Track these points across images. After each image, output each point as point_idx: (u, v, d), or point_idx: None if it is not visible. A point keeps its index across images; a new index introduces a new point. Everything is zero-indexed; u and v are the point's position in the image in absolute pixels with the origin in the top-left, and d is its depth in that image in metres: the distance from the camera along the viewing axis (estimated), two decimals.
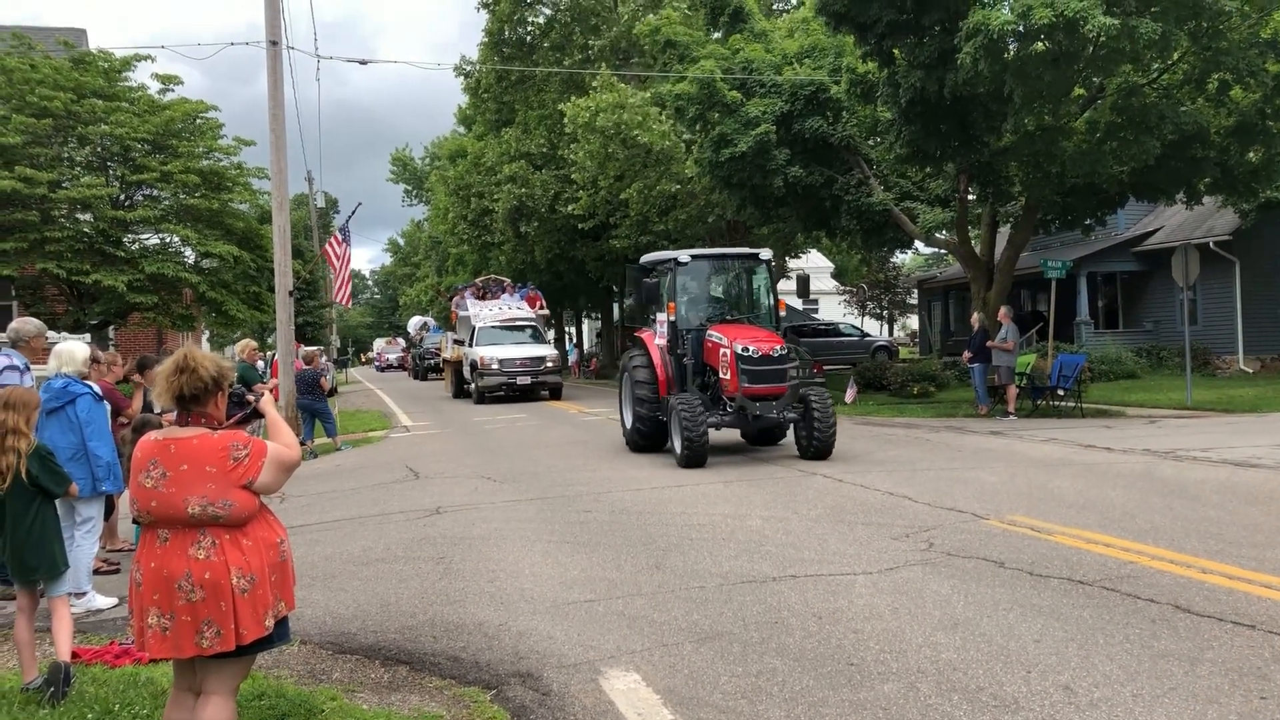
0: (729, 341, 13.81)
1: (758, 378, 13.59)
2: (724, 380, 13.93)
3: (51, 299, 25.67)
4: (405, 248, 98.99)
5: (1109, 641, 5.75)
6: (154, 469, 4.05)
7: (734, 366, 13.61)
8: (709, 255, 16.24)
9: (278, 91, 19.66)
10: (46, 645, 6.59)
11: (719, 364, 14.02)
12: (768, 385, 13.64)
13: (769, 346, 13.74)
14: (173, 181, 25.45)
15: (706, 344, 14.51)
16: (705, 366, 14.62)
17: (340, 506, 12.07)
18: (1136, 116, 19.09)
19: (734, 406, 13.89)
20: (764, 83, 25.35)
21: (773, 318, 15.51)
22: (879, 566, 7.68)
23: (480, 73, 42.31)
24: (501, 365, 29.42)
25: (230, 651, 4.01)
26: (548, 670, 5.72)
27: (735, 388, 13.66)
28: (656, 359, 15.14)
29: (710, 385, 14.52)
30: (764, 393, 13.64)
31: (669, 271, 15.29)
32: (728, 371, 13.78)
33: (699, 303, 15.68)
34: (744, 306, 15.81)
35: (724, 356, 13.85)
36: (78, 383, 8.05)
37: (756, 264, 15.71)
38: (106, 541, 9.39)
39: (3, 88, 24.80)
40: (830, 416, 13.80)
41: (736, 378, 13.59)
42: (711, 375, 14.46)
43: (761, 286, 15.95)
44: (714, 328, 14.54)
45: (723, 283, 16.27)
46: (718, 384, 14.23)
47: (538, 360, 29.90)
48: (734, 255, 16.07)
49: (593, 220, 36.22)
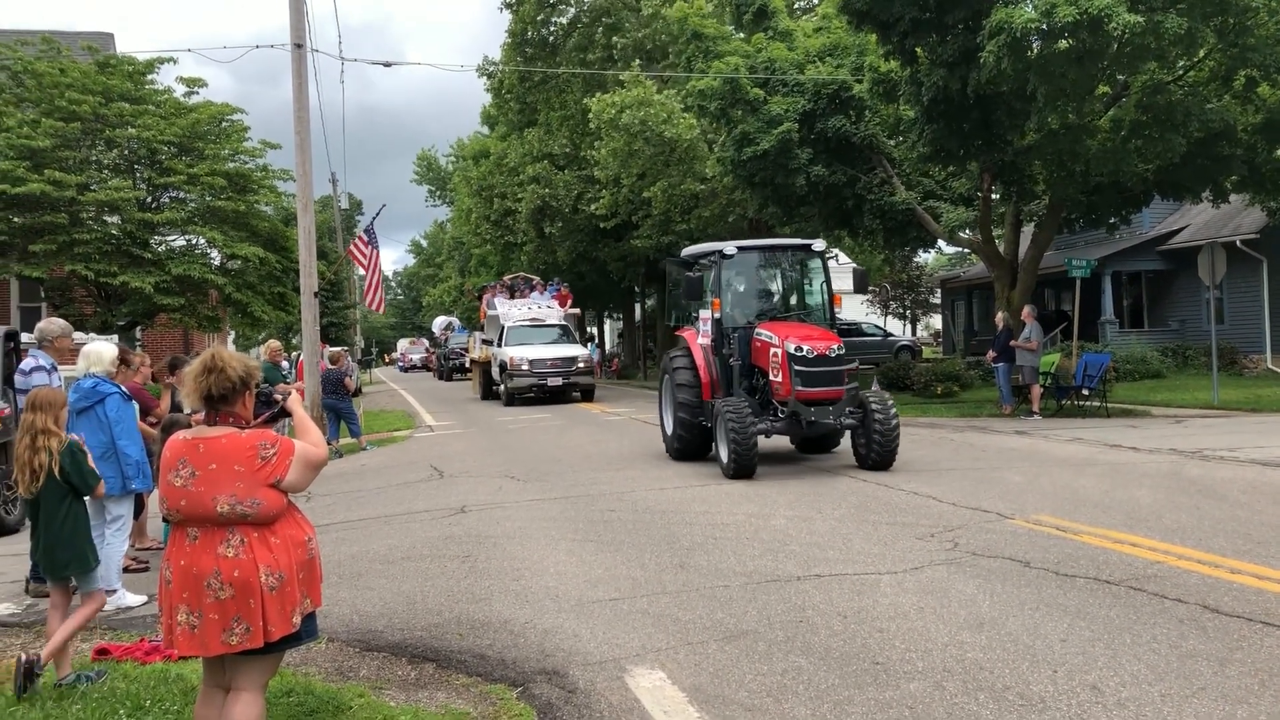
0: (780, 340, 12.75)
1: (812, 380, 12.54)
2: (774, 383, 12.91)
3: (80, 300, 25.91)
4: (428, 249, 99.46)
5: (1136, 641, 5.72)
6: (183, 468, 4.09)
7: (786, 368, 12.59)
8: (757, 246, 14.88)
9: (302, 94, 19.79)
10: (79, 642, 6.67)
11: (769, 365, 12.97)
12: (823, 388, 12.58)
13: (824, 346, 12.63)
14: (199, 184, 25.64)
15: (755, 343, 13.43)
16: (753, 368, 13.58)
17: (366, 505, 12.14)
18: (1162, 114, 18.94)
19: (786, 412, 12.86)
20: (786, 81, 25.32)
21: (827, 314, 14.32)
22: (904, 566, 7.67)
23: (503, 74, 42.43)
24: (532, 366, 28.51)
25: (259, 649, 4.05)
26: (573, 668, 5.74)
27: (787, 391, 12.64)
28: (700, 359, 14.15)
29: (759, 388, 13.50)
30: (819, 396, 12.59)
31: (714, 265, 14.21)
32: (779, 373, 12.75)
33: (746, 298, 14.59)
34: (795, 302, 14.79)
35: (774, 357, 12.81)
36: (106, 382, 8.14)
37: (809, 256, 14.55)
38: (136, 540, 9.49)
39: (32, 92, 25.07)
40: (893, 423, 12.65)
41: (789, 380, 12.58)
42: (760, 378, 13.45)
43: (815, 280, 14.77)
44: (763, 325, 13.46)
45: (772, 276, 15.03)
46: (767, 387, 13.20)
47: (569, 361, 28.98)
48: (784, 246, 14.91)
49: (615, 219, 36.24)
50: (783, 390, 12.75)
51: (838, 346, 12.77)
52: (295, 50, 19.85)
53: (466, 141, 68.38)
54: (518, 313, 31.66)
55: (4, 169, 22.98)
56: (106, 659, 6.24)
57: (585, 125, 35.26)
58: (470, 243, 56.27)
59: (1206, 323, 25.53)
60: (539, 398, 28.85)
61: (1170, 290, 31.56)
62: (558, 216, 39.76)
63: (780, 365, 12.71)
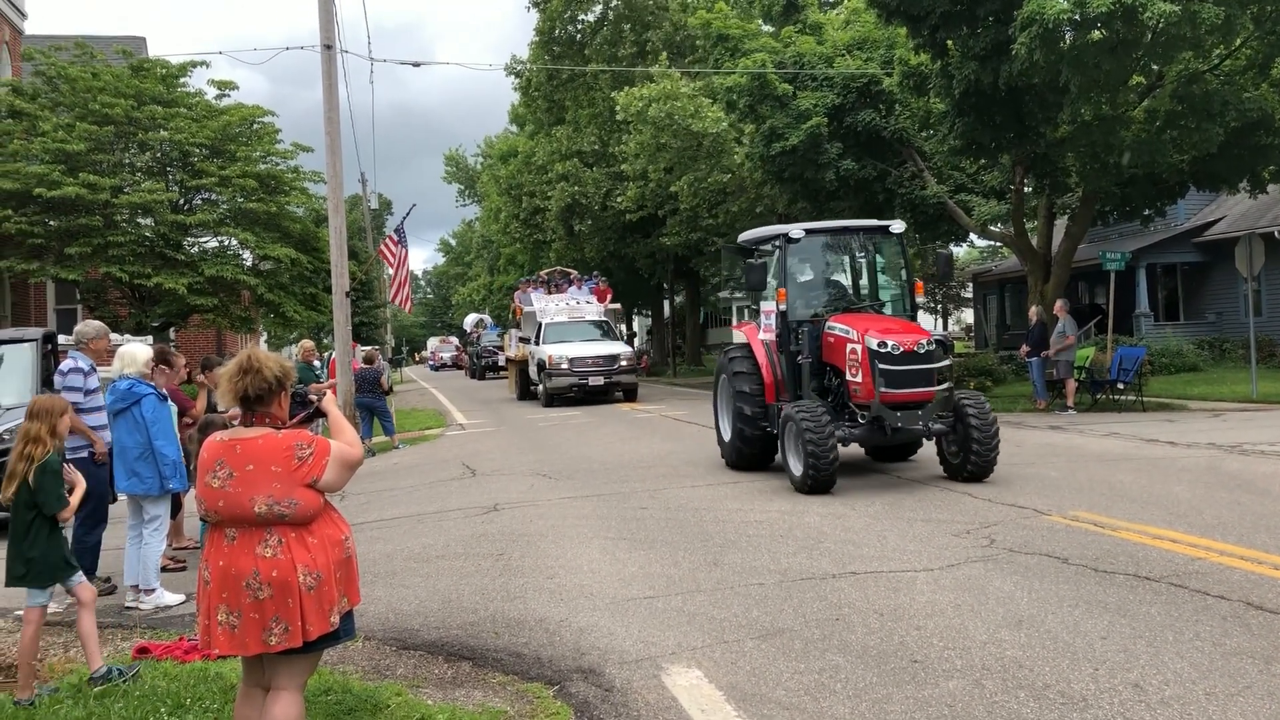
0: (859, 335, 11.21)
1: (899, 380, 10.98)
2: (852, 383, 11.35)
3: (115, 302, 26.19)
4: (458, 247, 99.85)
5: (1179, 639, 5.65)
6: (220, 469, 4.11)
7: (867, 366, 11.02)
8: (827, 229, 13.23)
9: (332, 95, 19.89)
10: (119, 640, 6.75)
11: (845, 363, 11.41)
12: (912, 389, 11.02)
13: (913, 340, 11.04)
14: (231, 185, 25.85)
15: (827, 339, 11.87)
16: (825, 366, 12.02)
17: (399, 504, 12.19)
18: (1198, 104, 18.70)
19: (865, 416, 11.38)
20: (815, 76, 25.21)
21: (907, 305, 12.82)
22: (940, 563, 7.61)
23: (531, 72, 42.52)
24: (572, 365, 27.06)
25: (298, 648, 4.07)
26: (609, 666, 5.73)
27: (869, 393, 11.08)
28: (761, 358, 12.70)
29: (832, 390, 11.97)
30: (907, 399, 11.04)
31: (777, 250, 12.64)
32: (858, 372, 11.18)
33: (814, 288, 13.09)
34: (870, 291, 13.22)
35: (852, 354, 11.24)
36: (142, 383, 8.21)
37: (885, 239, 12.92)
38: (173, 539, 9.58)
39: (67, 96, 25.35)
40: (992, 429, 11.15)
41: (870, 380, 11.00)
42: (834, 377, 11.93)
43: (892, 266, 13.34)
44: (836, 318, 11.95)
45: (843, 262, 13.38)
46: (843, 388, 11.69)
47: (611, 359, 27.51)
48: (857, 228, 13.12)
49: (642, 212, 36.18)
50: (863, 392, 11.23)
51: (927, 341, 11.17)
52: (325, 51, 19.95)
53: (495, 140, 68.57)
54: (555, 308, 30.56)
55: (40, 173, 23.26)
56: (146, 657, 6.29)
57: (613, 121, 35.23)
58: (500, 241, 56.45)
59: (1244, 315, 25.21)
60: (579, 398, 27.50)
61: (1206, 282, 31.17)
62: (587, 214, 39.80)
63: (860, 364, 11.15)
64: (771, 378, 12.58)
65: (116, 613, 7.76)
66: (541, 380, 27.91)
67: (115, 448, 8.11)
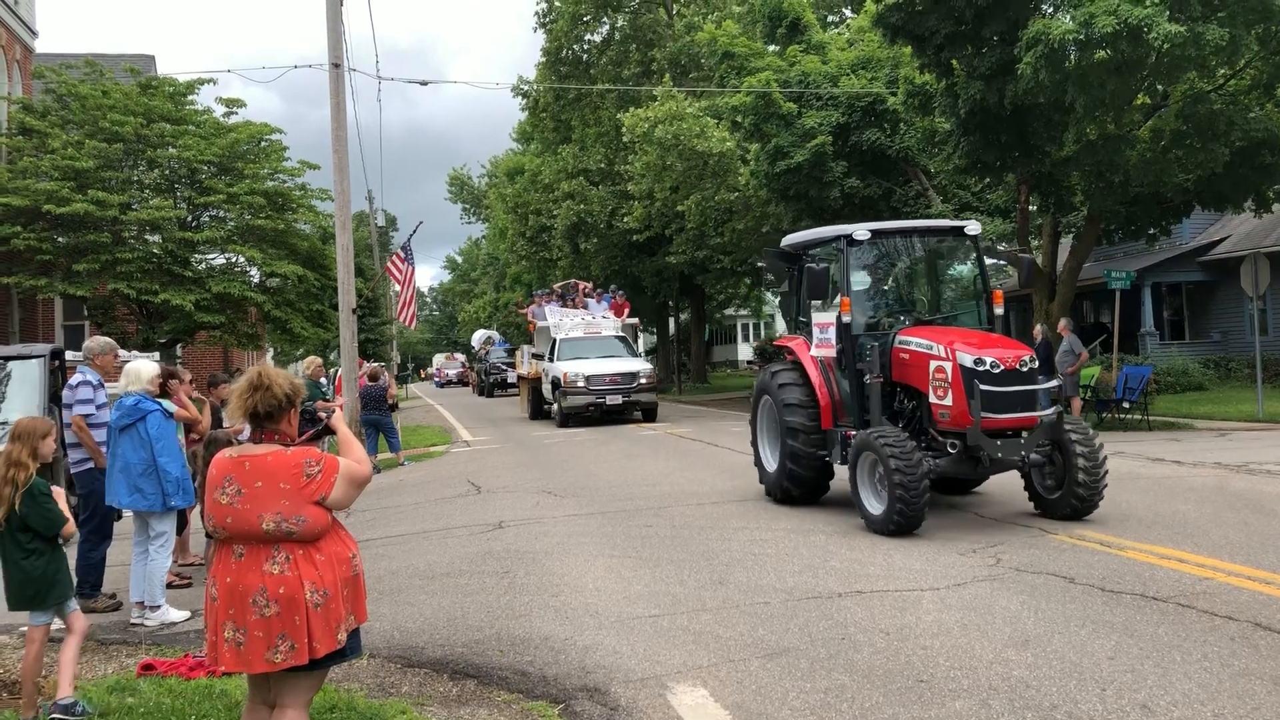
0: (948, 350, 9.79)
1: (1001, 403, 9.50)
2: (938, 407, 9.89)
3: (122, 318, 26.23)
4: (463, 265, 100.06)
5: (1186, 660, 5.63)
6: (229, 485, 4.12)
7: (960, 386, 9.58)
8: (895, 230, 11.60)
9: (341, 113, 19.99)
10: (124, 657, 6.74)
11: (927, 383, 9.97)
12: (1015, 414, 9.61)
13: (1014, 357, 9.65)
14: (238, 203, 25.91)
15: (898, 355, 10.43)
16: (895, 387, 10.63)
17: (404, 521, 12.19)
18: (1203, 124, 18.73)
19: (953, 444, 9.93)
20: (820, 95, 25.30)
21: (985, 317, 11.28)
22: (946, 582, 7.59)
23: (538, 92, 42.73)
24: (589, 383, 25.68)
25: (304, 665, 4.07)
26: (615, 685, 5.72)
27: (962, 418, 9.61)
28: (816, 377, 11.29)
29: (904, 414, 10.62)
30: (1009, 425, 9.64)
31: (839, 254, 11.12)
32: (946, 394, 9.74)
33: (879, 297, 11.67)
34: (943, 302, 11.87)
35: (939, 373, 9.81)
36: (148, 400, 8.23)
37: (960, 242, 11.52)
38: (178, 556, 9.57)
39: (76, 114, 25.47)
40: (1099, 458, 9.81)
41: (964, 403, 9.56)
42: (906, 399, 10.61)
43: (968, 273, 11.94)
44: (908, 332, 10.54)
45: (912, 268, 12.02)
46: (921, 412, 10.33)
47: (630, 376, 26.05)
48: (929, 230, 11.78)
49: (648, 232, 36.25)
50: (953, 417, 9.74)
51: (1030, 358, 9.79)
52: (333, 70, 20.06)
53: (500, 159, 68.84)
54: (570, 323, 29.14)
55: (49, 189, 23.35)
56: (151, 674, 6.29)
57: (619, 140, 35.37)
58: (506, 259, 56.56)
59: (1250, 334, 25.16)
60: (596, 417, 26.21)
61: (1212, 302, 31.14)
62: (592, 232, 39.91)
63: (950, 383, 9.70)
64: (828, 399, 11.22)
65: (122, 629, 7.76)
66: (556, 399, 26.66)
67: (119, 463, 8.12)
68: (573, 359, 26.74)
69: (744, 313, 63.43)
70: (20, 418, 6.27)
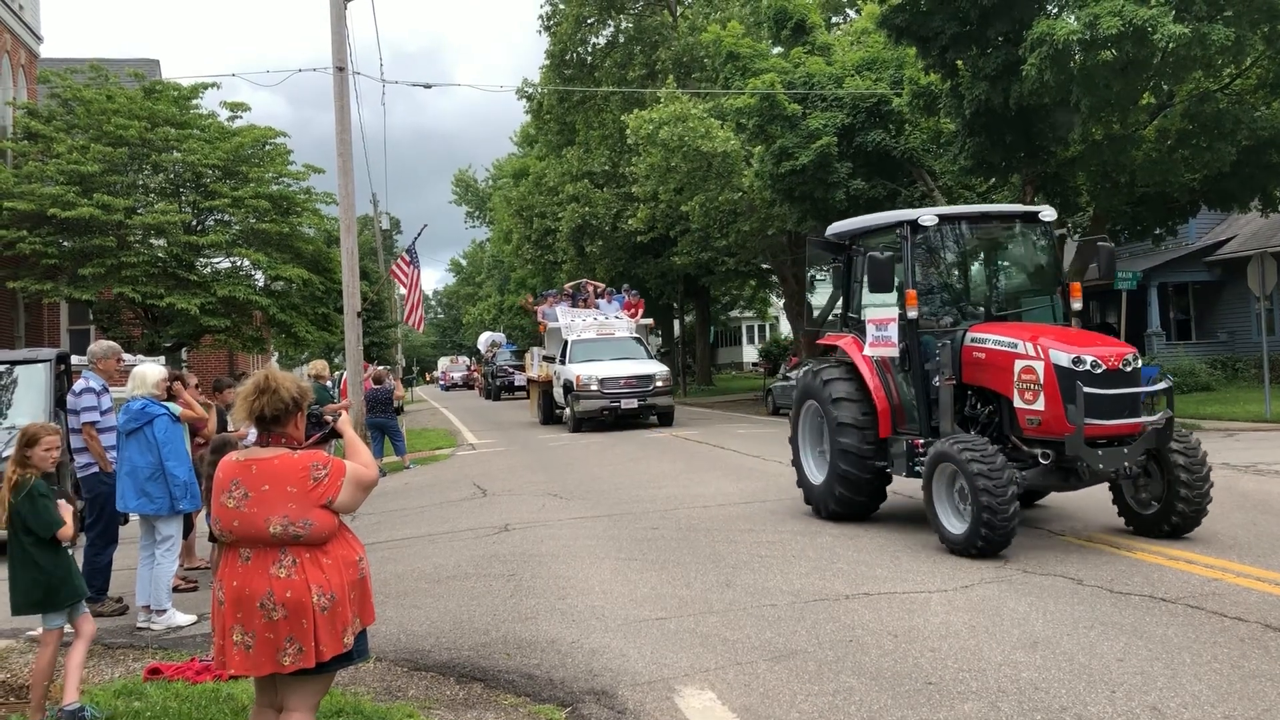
0: (1038, 348, 8.77)
1: (1105, 408, 8.49)
2: (1026, 412, 8.84)
3: (128, 322, 26.28)
4: (468, 268, 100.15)
5: (1196, 661, 5.60)
6: (236, 489, 4.12)
7: (1054, 388, 8.55)
8: (963, 216, 10.49)
9: (345, 116, 19.99)
10: (131, 661, 6.74)
11: (1008, 385, 9.00)
12: (1120, 420, 8.59)
13: (1116, 355, 8.66)
14: (243, 206, 25.96)
15: (971, 354, 9.42)
16: (966, 390, 9.65)
17: (410, 524, 12.18)
18: (1209, 123, 18.72)
19: (1044, 453, 8.88)
20: (825, 96, 25.29)
21: (1060, 312, 10.20)
22: (954, 584, 7.57)
23: (542, 95, 42.77)
24: (602, 386, 24.73)
25: (311, 668, 4.06)
26: (622, 688, 5.70)
27: (1057, 425, 8.60)
28: (872, 379, 10.25)
29: (978, 419, 9.62)
30: (1113, 432, 8.62)
31: (902, 241, 10.01)
32: (1036, 397, 8.69)
33: (944, 290, 10.43)
34: (1013, 296, 10.75)
35: (1026, 373, 8.80)
36: (155, 404, 8.24)
37: (1032, 229, 10.36)
38: (185, 560, 9.57)
39: (81, 118, 25.52)
40: (1204, 470, 8.83)
41: (1059, 408, 8.54)
42: (980, 403, 9.63)
43: (1039, 263, 10.65)
44: (981, 328, 9.56)
45: (980, 258, 10.93)
46: (1001, 418, 9.35)
47: (645, 379, 25.08)
48: (1000, 215, 10.63)
49: (652, 233, 36.26)
50: (1045, 423, 8.72)
51: (1133, 356, 8.79)
52: (336, 74, 20.07)
53: (504, 160, 68.94)
54: (583, 324, 28.05)
55: (55, 194, 23.41)
56: (158, 678, 6.28)
57: (624, 143, 35.37)
58: (511, 262, 56.60)
59: (1257, 334, 25.10)
60: (610, 422, 25.14)
61: (1218, 301, 31.07)
62: (597, 235, 39.92)
63: (1042, 385, 8.66)
64: (886, 404, 10.18)
65: (128, 633, 7.76)
66: (568, 403, 25.71)
67: (127, 467, 8.13)
68: (585, 361, 25.72)
69: (749, 314, 63.42)
70: (29, 423, 6.26)
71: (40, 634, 6.01)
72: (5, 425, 12.16)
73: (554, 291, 32.09)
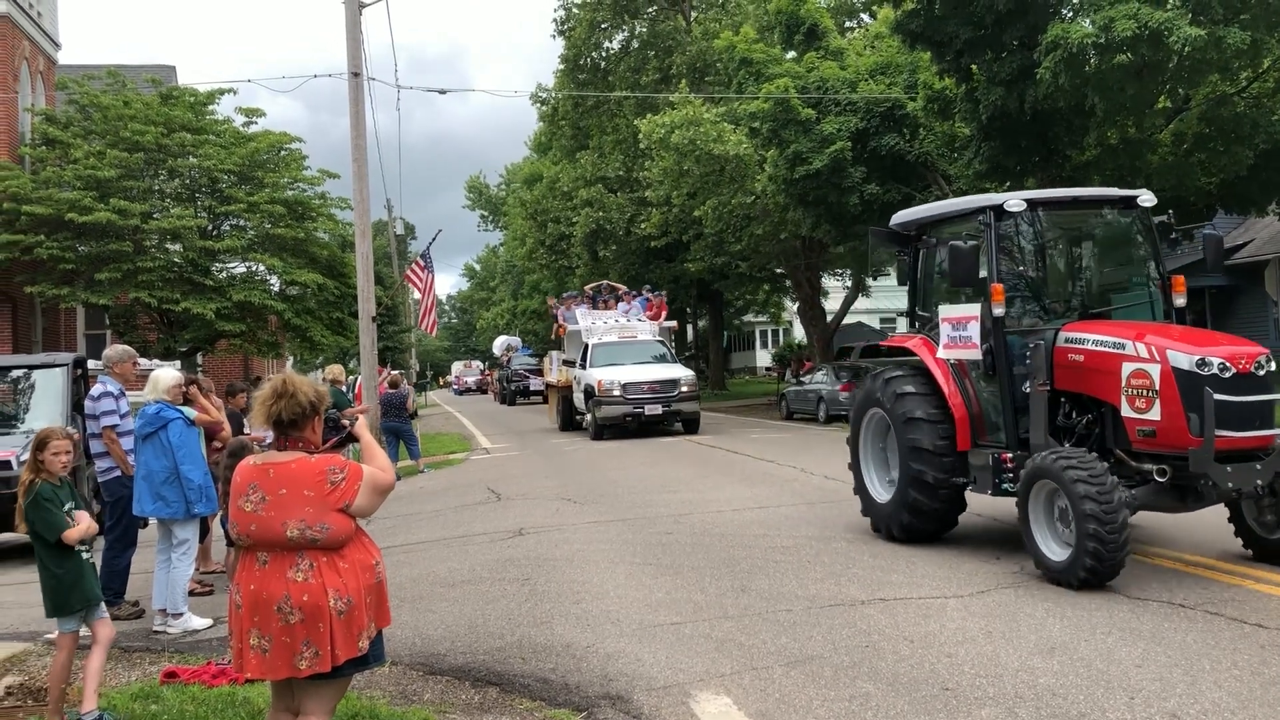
0: (1150, 349, 7.72)
1: (1236, 417, 7.43)
2: (1139, 422, 7.77)
3: (144, 327, 26.42)
4: (481, 272, 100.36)
5: (1216, 668, 5.57)
6: (253, 493, 4.13)
7: (1174, 395, 7.52)
8: (1055, 200, 9.29)
9: (360, 122, 20.07)
10: (147, 665, 6.75)
11: (1114, 391, 7.95)
12: (1254, 432, 7.53)
13: (1246, 357, 7.57)
14: (258, 211, 26.10)
15: (1065, 356, 8.36)
16: (1059, 396, 8.54)
17: (425, 528, 12.20)
18: (1226, 127, 18.64)
19: (1160, 470, 7.74)
20: (839, 100, 25.27)
21: (1158, 309, 9.11)
22: (970, 589, 7.54)
23: (556, 100, 42.86)
24: (625, 391, 23.51)
25: (327, 673, 4.07)
26: (637, 693, 5.69)
27: (1180, 436, 7.53)
28: (949, 386, 9.20)
29: (1075, 429, 8.52)
30: (1247, 445, 7.53)
31: (985, 229, 8.92)
32: (1150, 404, 7.64)
33: (1026, 284, 9.25)
34: (1105, 290, 9.51)
35: (1138, 378, 7.73)
36: (170, 408, 8.27)
37: (1128, 215, 9.26)
38: (200, 563, 9.60)
39: (98, 124, 25.69)
40: None
41: (1181, 417, 7.50)
42: (1076, 412, 8.57)
43: (1138, 254, 9.47)
44: (1080, 327, 8.48)
45: (1071, 249, 9.77)
46: (1105, 428, 8.30)
47: (670, 384, 23.91)
48: (1093, 200, 9.52)
49: (665, 238, 36.25)
50: (1162, 434, 7.67)
51: (1265, 358, 7.70)
52: (352, 79, 20.15)
53: (516, 166, 69.07)
54: (604, 326, 26.94)
55: (72, 199, 23.57)
56: (174, 682, 6.30)
57: (637, 147, 35.41)
58: (525, 266, 56.67)
59: (1273, 338, 24.95)
60: (634, 429, 24.07)
61: (1234, 306, 30.86)
62: (611, 239, 39.97)
63: (1158, 392, 7.59)
64: (964, 413, 9.13)
65: (144, 636, 7.78)
66: (590, 409, 24.49)
67: (142, 471, 8.17)
68: (607, 365, 24.55)
69: (762, 319, 63.31)
70: (45, 427, 6.29)
71: (55, 637, 6.04)
72: (23, 429, 12.24)
73: (574, 293, 31.18)
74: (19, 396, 13.27)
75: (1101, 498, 7.19)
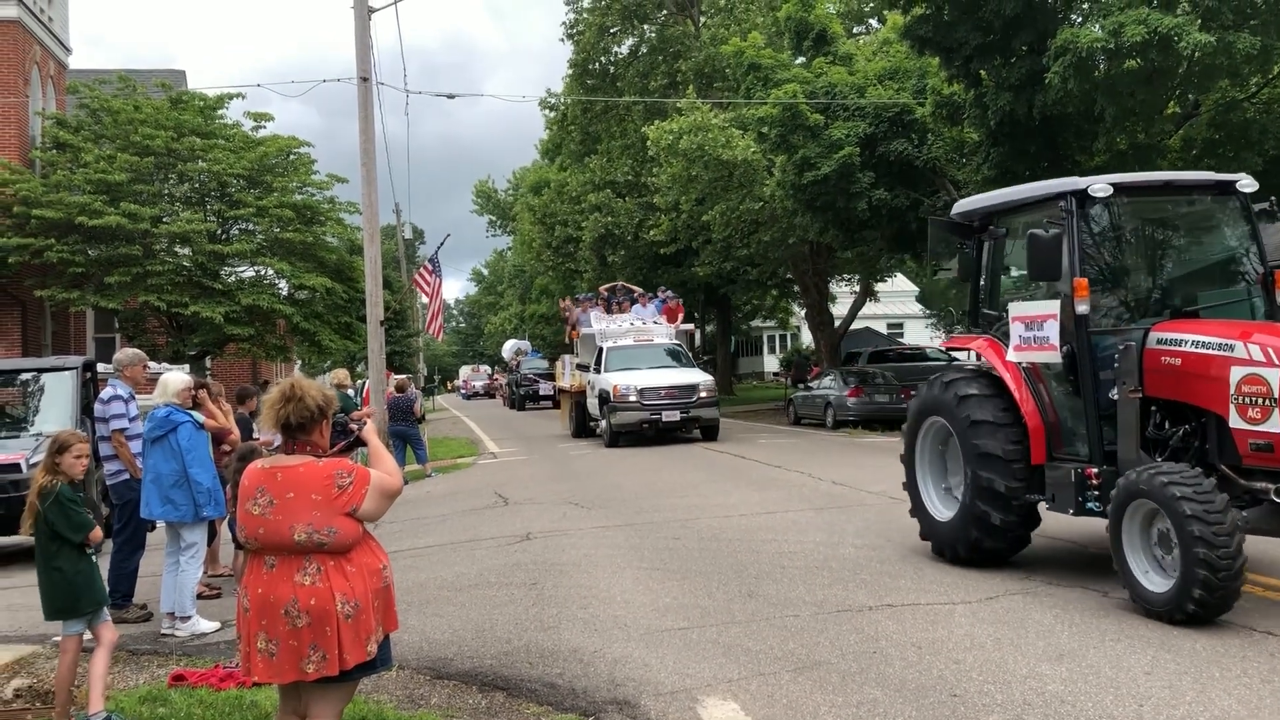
0: (1267, 352, 6.81)
1: None
2: (1250, 434, 6.83)
3: (153, 331, 26.46)
4: (489, 277, 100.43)
5: (1225, 675, 5.54)
6: (261, 496, 4.13)
7: None
8: (1144, 185, 8.45)
9: (369, 126, 20.10)
10: (155, 668, 6.76)
11: (1221, 400, 7.03)
12: None
13: None
14: (267, 215, 26.14)
15: (1159, 359, 7.47)
16: (1151, 404, 7.61)
17: (432, 532, 12.21)
18: (1236, 132, 18.60)
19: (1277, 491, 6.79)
20: (847, 105, 25.26)
21: (1257, 307, 8.23)
22: (978, 595, 7.52)
23: (565, 105, 42.90)
24: (641, 396, 22.63)
25: (334, 676, 4.07)
26: (644, 698, 5.69)
27: None
28: (1021, 393, 8.34)
29: (1170, 442, 7.57)
30: None
31: (1067, 218, 7.87)
32: (1267, 414, 6.69)
33: (1115, 277, 8.37)
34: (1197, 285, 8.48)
35: (1248, 383, 6.82)
36: (179, 411, 8.29)
37: (1226, 202, 8.44)
38: (208, 567, 9.61)
39: (109, 128, 25.77)
40: None
41: None
42: (1171, 422, 7.63)
43: (1236, 246, 8.58)
44: (1174, 326, 7.60)
45: (1158, 240, 8.85)
46: (1209, 441, 7.32)
47: (688, 389, 22.95)
48: (1186, 185, 8.60)
49: (674, 244, 36.24)
50: None
51: None
52: (361, 84, 20.19)
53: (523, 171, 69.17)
54: (619, 330, 26.05)
55: (82, 202, 23.63)
56: (182, 685, 6.31)
57: (646, 152, 35.42)
58: (533, 269, 56.70)
59: None
60: (651, 435, 23.20)
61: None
62: (619, 244, 39.97)
63: (1277, 400, 6.63)
64: (1039, 421, 8.25)
65: (152, 640, 7.79)
66: (605, 415, 23.52)
67: (151, 474, 8.18)
68: (622, 370, 23.59)
69: (770, 324, 63.26)
70: (61, 430, 6.32)
71: (60, 640, 6.05)
72: (33, 432, 12.27)
73: (589, 295, 30.23)
74: (28, 400, 13.31)
75: (1212, 519, 6.34)
